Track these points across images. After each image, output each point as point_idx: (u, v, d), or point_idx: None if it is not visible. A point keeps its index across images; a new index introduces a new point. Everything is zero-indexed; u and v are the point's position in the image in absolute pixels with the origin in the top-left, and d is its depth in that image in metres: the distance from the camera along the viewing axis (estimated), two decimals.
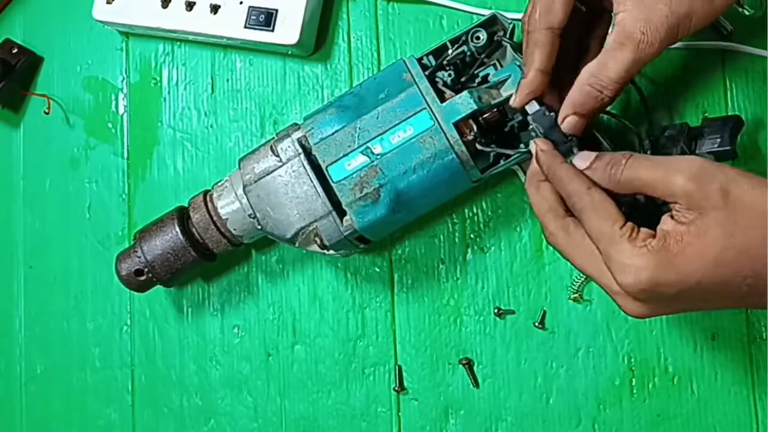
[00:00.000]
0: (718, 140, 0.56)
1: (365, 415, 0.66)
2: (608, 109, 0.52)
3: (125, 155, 0.72)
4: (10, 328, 0.73)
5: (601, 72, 0.48)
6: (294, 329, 0.68)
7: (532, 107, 0.52)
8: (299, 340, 0.67)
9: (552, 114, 0.51)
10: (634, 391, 0.62)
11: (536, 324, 0.63)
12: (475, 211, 0.65)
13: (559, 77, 0.53)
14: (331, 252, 0.59)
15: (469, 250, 0.65)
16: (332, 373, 0.67)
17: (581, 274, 0.62)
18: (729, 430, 0.60)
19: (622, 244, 0.44)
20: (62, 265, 0.72)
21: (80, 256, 0.72)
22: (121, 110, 0.72)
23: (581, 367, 0.63)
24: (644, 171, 0.46)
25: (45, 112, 0.73)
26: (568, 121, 0.50)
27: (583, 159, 0.49)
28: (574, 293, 0.63)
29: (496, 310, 0.64)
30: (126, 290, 0.69)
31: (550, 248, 0.63)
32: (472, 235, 0.65)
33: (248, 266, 0.69)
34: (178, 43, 0.71)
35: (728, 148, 0.55)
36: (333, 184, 0.56)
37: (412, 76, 0.56)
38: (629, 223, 0.45)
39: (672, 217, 0.45)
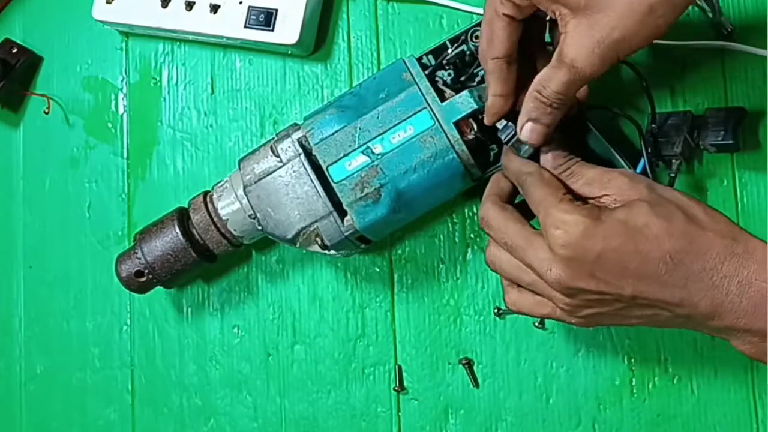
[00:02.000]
0: (722, 133, 0.56)
1: (365, 415, 0.66)
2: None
3: (125, 155, 0.72)
4: (10, 328, 0.73)
5: (545, 84, 0.50)
6: (294, 329, 0.68)
7: (500, 124, 0.54)
8: (299, 340, 0.67)
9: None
10: (634, 391, 0.62)
11: (536, 324, 0.63)
12: (475, 211, 0.65)
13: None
14: (332, 252, 0.59)
15: (469, 249, 0.65)
16: (332, 373, 0.67)
17: None
18: (729, 430, 0.60)
19: (565, 204, 0.48)
20: (62, 265, 0.72)
21: (80, 256, 0.72)
22: (121, 110, 0.72)
23: (581, 367, 0.63)
24: (588, 171, 0.51)
25: (45, 112, 0.73)
26: (525, 128, 0.52)
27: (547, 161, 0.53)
28: None
29: (496, 310, 0.64)
30: (126, 290, 0.69)
31: None
32: (472, 235, 0.65)
33: (248, 266, 0.69)
34: (178, 42, 0.71)
35: (731, 141, 0.56)
36: (333, 185, 0.56)
37: (411, 75, 0.56)
38: (570, 195, 0.50)
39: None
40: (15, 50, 0.72)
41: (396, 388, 0.65)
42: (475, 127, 0.55)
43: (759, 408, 0.60)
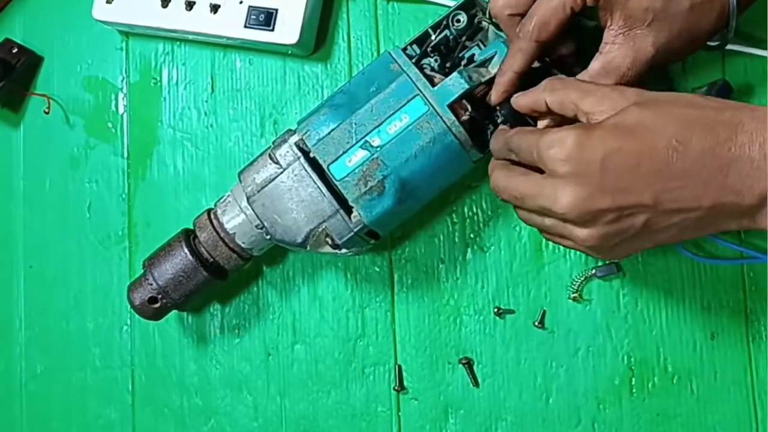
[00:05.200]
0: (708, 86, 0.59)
1: (365, 415, 0.66)
2: None
3: (125, 155, 0.72)
4: (10, 328, 0.73)
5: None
6: (294, 329, 0.68)
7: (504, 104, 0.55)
8: (299, 340, 0.67)
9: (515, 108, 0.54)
10: (634, 390, 0.62)
11: (536, 323, 0.63)
12: (474, 210, 0.65)
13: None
14: (344, 251, 0.58)
15: (469, 249, 0.65)
16: (332, 373, 0.67)
17: (581, 274, 0.62)
18: (729, 430, 0.60)
19: (551, 130, 0.47)
20: (62, 265, 0.72)
21: (80, 255, 0.72)
22: (121, 110, 0.72)
23: (581, 367, 0.63)
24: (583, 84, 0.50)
25: (45, 112, 0.73)
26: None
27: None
28: (573, 293, 0.63)
29: (495, 310, 0.64)
30: (126, 290, 0.69)
31: (550, 247, 0.63)
32: (471, 235, 0.65)
33: (248, 266, 0.69)
34: (178, 42, 0.71)
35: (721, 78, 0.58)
36: (336, 183, 0.56)
37: (399, 65, 0.56)
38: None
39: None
40: (15, 50, 0.72)
41: (396, 388, 0.65)
42: (469, 107, 0.55)
43: (759, 408, 0.60)
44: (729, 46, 0.61)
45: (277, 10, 0.65)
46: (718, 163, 0.43)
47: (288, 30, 0.65)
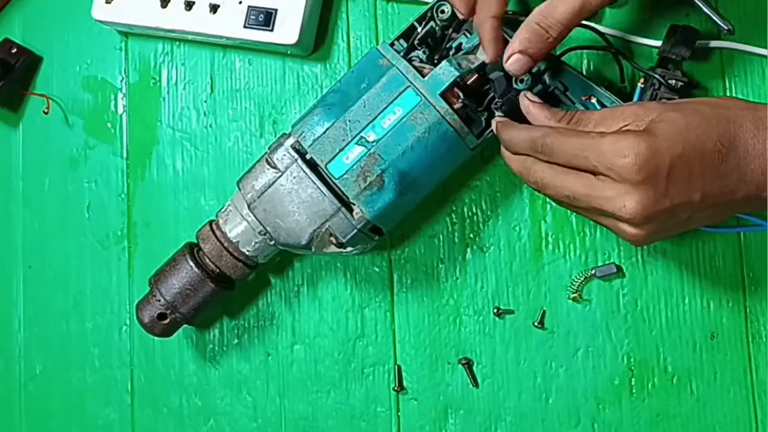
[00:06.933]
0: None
1: (365, 415, 0.66)
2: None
3: (124, 155, 0.72)
4: (9, 328, 0.73)
5: (549, 13, 0.50)
6: (293, 329, 0.68)
7: (494, 75, 0.56)
8: (298, 340, 0.67)
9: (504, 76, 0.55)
10: (634, 390, 0.62)
11: (535, 324, 0.63)
12: (474, 210, 0.65)
13: None
14: (349, 249, 0.58)
15: (469, 249, 0.65)
16: (331, 373, 0.67)
17: (581, 274, 0.62)
18: (728, 430, 0.60)
19: (611, 135, 0.47)
20: (61, 265, 0.72)
21: (79, 255, 0.72)
22: (120, 110, 0.72)
23: (580, 367, 0.63)
24: (593, 113, 0.51)
25: (44, 112, 0.73)
26: (513, 59, 0.52)
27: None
28: (573, 293, 0.63)
29: (495, 310, 0.64)
30: (125, 290, 0.69)
31: (550, 247, 0.63)
32: (471, 235, 0.65)
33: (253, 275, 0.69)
34: (178, 42, 0.71)
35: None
36: (335, 181, 0.56)
37: (388, 59, 0.57)
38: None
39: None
40: (15, 50, 0.72)
41: (395, 388, 0.65)
42: (461, 95, 0.55)
43: (758, 408, 0.60)
44: (728, 46, 0.61)
45: (276, 10, 0.65)
46: (748, 159, 0.47)
47: (287, 30, 0.65)
